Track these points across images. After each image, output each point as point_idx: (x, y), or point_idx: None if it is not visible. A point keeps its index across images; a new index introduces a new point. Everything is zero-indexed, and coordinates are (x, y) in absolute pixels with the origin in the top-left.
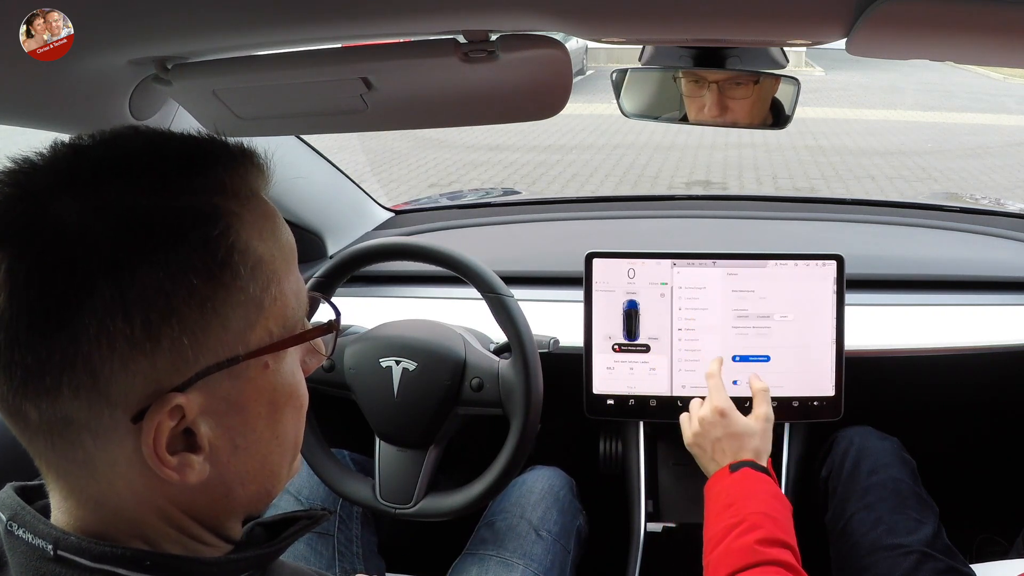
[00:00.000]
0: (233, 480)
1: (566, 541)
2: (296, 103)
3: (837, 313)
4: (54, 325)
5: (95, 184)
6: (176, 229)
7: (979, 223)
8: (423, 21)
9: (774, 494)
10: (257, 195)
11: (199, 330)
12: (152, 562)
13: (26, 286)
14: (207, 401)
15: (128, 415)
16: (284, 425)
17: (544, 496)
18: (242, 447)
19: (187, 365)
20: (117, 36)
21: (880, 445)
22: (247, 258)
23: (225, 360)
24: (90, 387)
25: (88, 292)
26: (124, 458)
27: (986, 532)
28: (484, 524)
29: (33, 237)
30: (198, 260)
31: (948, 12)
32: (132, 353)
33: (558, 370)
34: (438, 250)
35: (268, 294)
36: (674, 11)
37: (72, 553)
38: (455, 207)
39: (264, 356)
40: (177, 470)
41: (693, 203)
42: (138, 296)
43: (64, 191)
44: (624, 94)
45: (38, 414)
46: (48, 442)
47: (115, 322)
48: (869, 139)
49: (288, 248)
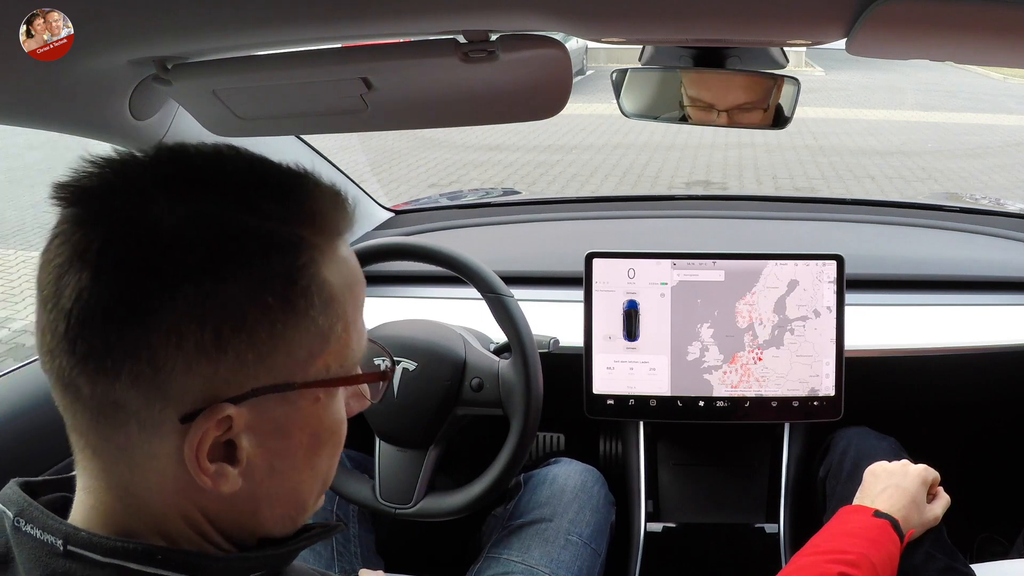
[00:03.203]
0: (262, 500)
1: (597, 544)
2: (296, 103)
3: (837, 313)
4: (131, 315)
5: (195, 193)
6: (263, 250)
7: (979, 223)
8: (423, 21)
9: (892, 556)
10: (341, 238)
11: (265, 349)
12: (163, 556)
13: (114, 271)
14: (255, 418)
15: (178, 414)
16: (320, 459)
17: (577, 495)
18: (278, 470)
19: (246, 380)
20: (117, 36)
21: (878, 445)
22: (322, 292)
23: (282, 384)
24: (149, 379)
25: (171, 293)
26: (164, 453)
27: (986, 532)
28: (511, 524)
29: (131, 228)
30: (278, 283)
31: (948, 12)
32: (198, 357)
33: (558, 370)
34: (438, 250)
35: (334, 331)
36: (674, 11)
37: (83, 548)
38: (455, 207)
39: (317, 389)
40: (212, 478)
41: (693, 203)
42: (217, 305)
43: (164, 193)
44: (624, 94)
45: (91, 391)
46: (93, 420)
47: (190, 325)
48: (869, 139)
49: (359, 294)
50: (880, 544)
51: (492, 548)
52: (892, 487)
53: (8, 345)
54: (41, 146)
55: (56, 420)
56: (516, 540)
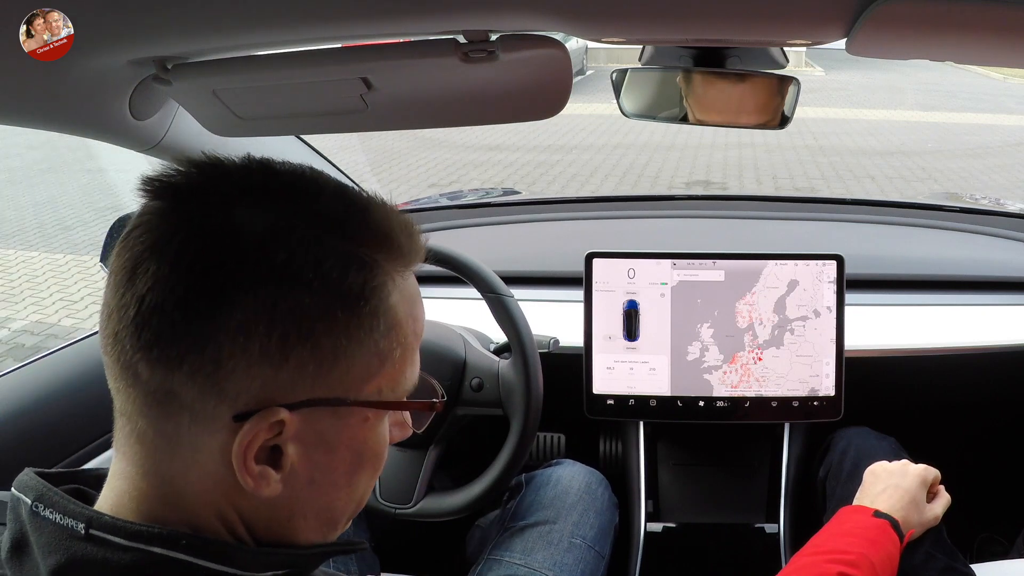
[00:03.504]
0: (297, 509)
1: (601, 546)
2: (296, 103)
3: (837, 313)
4: (204, 309)
5: (281, 204)
6: (341, 267)
7: (979, 223)
8: (423, 21)
9: (892, 556)
10: (411, 267)
11: (326, 361)
12: (187, 542)
13: (192, 265)
14: (304, 428)
15: (232, 412)
16: (360, 479)
17: (581, 497)
18: (318, 483)
19: (302, 389)
20: (117, 36)
21: (878, 445)
22: (388, 316)
23: (335, 398)
24: (209, 374)
25: (246, 292)
26: (210, 449)
27: (986, 532)
28: (514, 526)
29: (215, 227)
30: (350, 300)
31: (948, 12)
32: (260, 360)
33: (558, 370)
34: (438, 250)
35: (392, 355)
36: (674, 11)
37: (106, 532)
38: (455, 207)
39: (368, 409)
40: (255, 479)
41: (693, 203)
42: (287, 311)
43: (251, 200)
44: (624, 94)
45: (149, 377)
46: (146, 406)
47: (258, 327)
48: (869, 139)
49: (420, 325)
50: (879, 544)
51: (494, 550)
52: (892, 487)
53: (8, 345)
54: (41, 146)
55: (57, 420)
56: (519, 542)
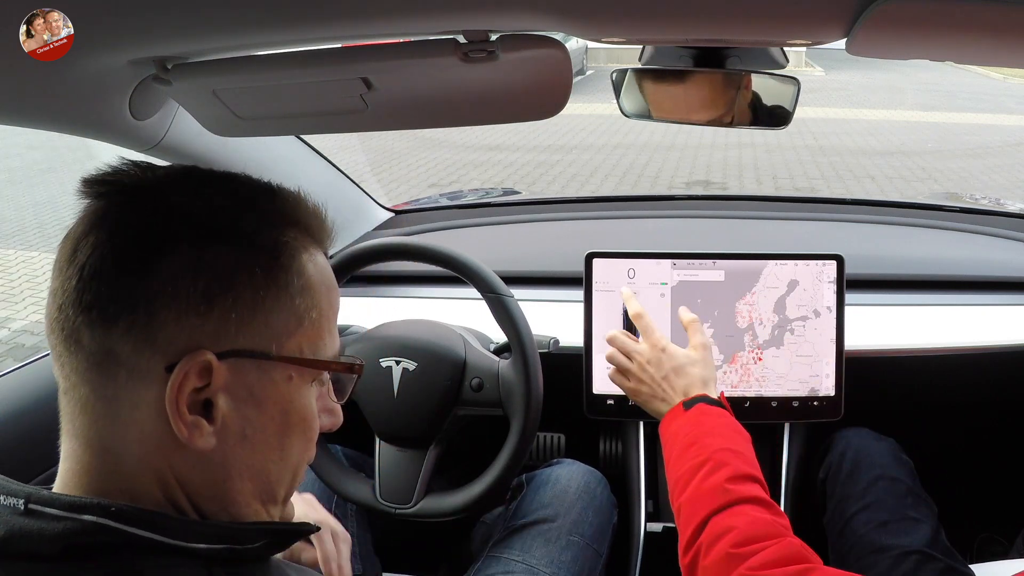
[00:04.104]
0: (232, 468)
1: (599, 544)
2: (296, 103)
3: (837, 313)
4: (136, 267)
5: (202, 186)
6: (256, 228)
7: (979, 223)
8: (423, 21)
9: (734, 427)
10: (321, 248)
11: (247, 313)
12: (118, 509)
13: (126, 230)
14: (232, 380)
15: (164, 363)
16: (291, 443)
17: (580, 496)
18: (250, 439)
19: (227, 338)
20: (117, 36)
21: (877, 446)
22: (301, 277)
23: (259, 351)
24: (143, 327)
25: (173, 249)
26: (147, 403)
27: (986, 532)
28: (513, 524)
29: (145, 200)
30: (264, 256)
31: (948, 12)
32: (188, 309)
33: (558, 370)
34: (438, 250)
35: (309, 315)
36: (674, 11)
37: (43, 505)
38: (455, 207)
39: (291, 367)
40: (188, 428)
41: (693, 203)
42: (209, 264)
43: (177, 185)
44: (624, 94)
45: (90, 339)
46: (88, 372)
47: (184, 279)
48: (869, 139)
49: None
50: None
51: (493, 547)
52: (662, 378)
53: (8, 345)
54: (41, 146)
55: (57, 420)
56: (518, 540)
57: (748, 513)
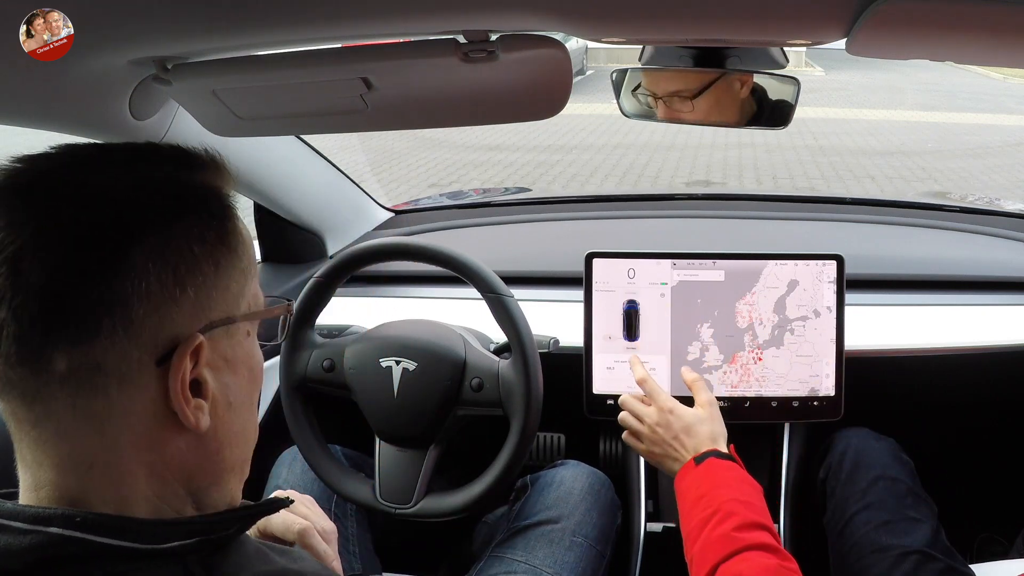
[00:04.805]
0: (224, 438)
1: (603, 546)
2: (296, 103)
3: (837, 313)
4: (103, 269)
5: (130, 163)
6: (200, 198)
7: (979, 223)
8: (423, 21)
9: (742, 479)
10: None
11: (211, 286)
12: (82, 519)
13: (78, 235)
14: (211, 353)
15: (154, 359)
16: (255, 396)
17: (584, 498)
18: (234, 404)
19: (201, 315)
20: (117, 36)
21: (877, 446)
22: (241, 234)
23: (226, 318)
24: (124, 329)
25: (135, 242)
26: (142, 405)
27: (986, 532)
28: (517, 525)
29: (88, 196)
30: (215, 224)
31: (948, 12)
32: (163, 298)
33: (558, 370)
34: (438, 250)
35: (250, 271)
36: (674, 11)
37: (6, 519)
38: (455, 207)
39: (247, 323)
40: (194, 412)
41: (693, 203)
42: (174, 249)
43: (104, 167)
44: (624, 94)
45: (67, 363)
46: (71, 398)
47: (154, 270)
48: (869, 139)
49: None
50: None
51: (497, 548)
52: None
53: None
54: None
55: None
56: (521, 540)
57: (755, 560)
